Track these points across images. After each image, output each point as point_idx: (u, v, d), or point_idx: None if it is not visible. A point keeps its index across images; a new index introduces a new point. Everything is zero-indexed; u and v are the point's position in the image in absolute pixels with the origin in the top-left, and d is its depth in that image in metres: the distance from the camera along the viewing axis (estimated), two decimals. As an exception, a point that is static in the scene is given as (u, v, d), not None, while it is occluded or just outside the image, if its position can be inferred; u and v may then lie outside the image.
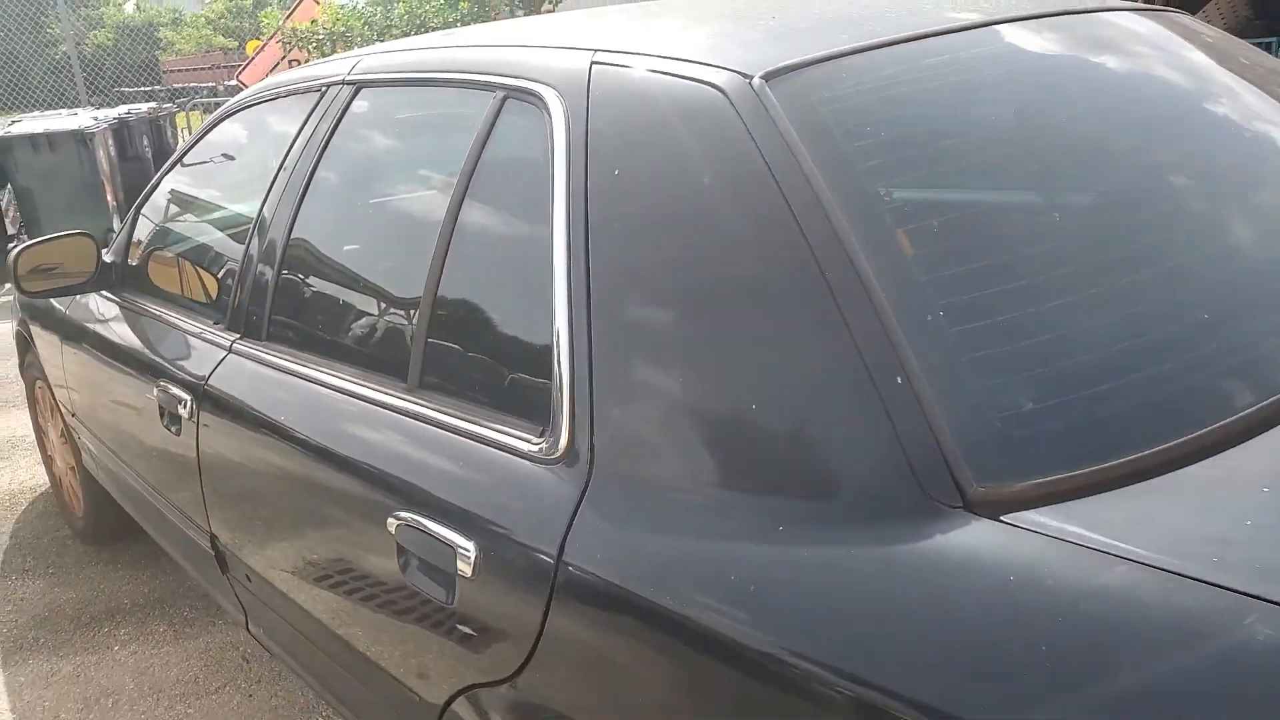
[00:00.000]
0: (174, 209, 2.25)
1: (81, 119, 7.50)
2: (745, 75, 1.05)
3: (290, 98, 1.81)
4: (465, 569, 1.09)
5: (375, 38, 8.83)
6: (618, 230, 1.06)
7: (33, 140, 7.08)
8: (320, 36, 8.76)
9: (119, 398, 2.15)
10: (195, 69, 22.21)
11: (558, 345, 1.07)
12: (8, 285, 7.21)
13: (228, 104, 2.11)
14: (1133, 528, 0.77)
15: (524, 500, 1.06)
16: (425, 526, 1.15)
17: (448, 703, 1.20)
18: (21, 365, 3.24)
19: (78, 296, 2.44)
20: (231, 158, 2.08)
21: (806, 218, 0.92)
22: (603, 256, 1.06)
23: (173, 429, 1.82)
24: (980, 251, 0.96)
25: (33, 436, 3.88)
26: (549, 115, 1.18)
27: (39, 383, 3.04)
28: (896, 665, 0.75)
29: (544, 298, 1.09)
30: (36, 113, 9.86)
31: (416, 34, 8.67)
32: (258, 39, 10.67)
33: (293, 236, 1.62)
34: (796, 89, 1.04)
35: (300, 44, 8.89)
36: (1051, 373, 0.88)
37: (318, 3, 9.95)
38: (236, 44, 22.92)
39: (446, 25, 8.61)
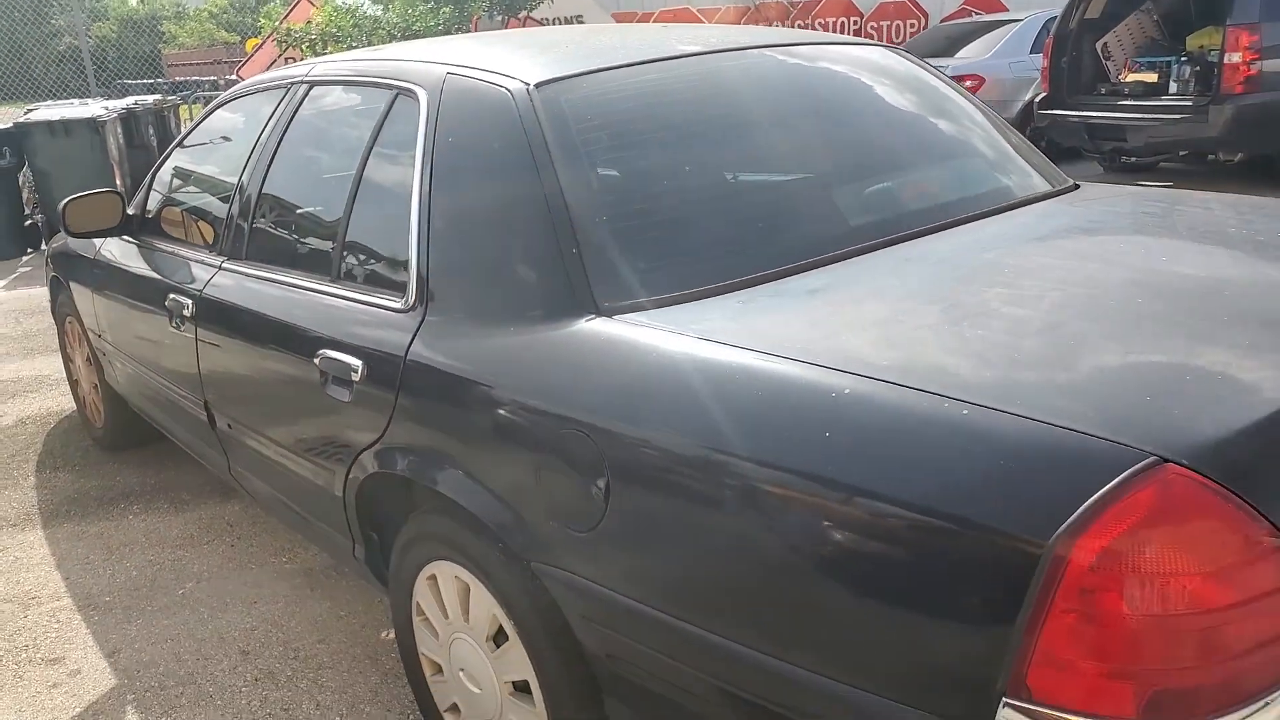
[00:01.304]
0: (179, 174, 3.00)
1: (93, 108, 8.22)
2: (525, 82, 1.79)
3: (265, 92, 2.56)
4: (356, 375, 1.83)
5: (364, 38, 9.57)
6: (446, 174, 1.80)
7: (50, 127, 7.80)
8: (313, 37, 9.49)
9: (138, 314, 2.88)
10: (198, 63, 22.85)
11: (413, 249, 1.81)
12: (27, 256, 7.89)
13: (221, 96, 2.85)
14: (686, 319, 1.49)
15: (389, 333, 1.81)
16: (335, 356, 1.89)
17: (348, 471, 1.94)
18: (54, 307, 3.98)
19: (100, 244, 3.18)
20: (223, 137, 2.82)
21: (542, 165, 1.67)
22: (438, 191, 1.80)
23: (179, 328, 2.56)
24: (633, 183, 1.72)
25: (55, 375, 4.63)
26: (419, 103, 1.93)
27: (69, 319, 3.78)
28: (567, 391, 1.48)
29: (406, 217, 1.84)
30: (50, 102, 10.59)
31: (403, 37, 9.41)
32: (257, 37, 11.40)
33: (263, 189, 2.37)
34: (552, 92, 1.78)
35: (295, 43, 9.63)
36: (658, 249, 1.63)
37: (313, 4, 10.69)
38: (238, 39, 23.61)
39: (429, 29, 9.35)
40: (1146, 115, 7.08)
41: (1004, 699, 1.03)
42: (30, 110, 8.39)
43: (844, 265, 1.63)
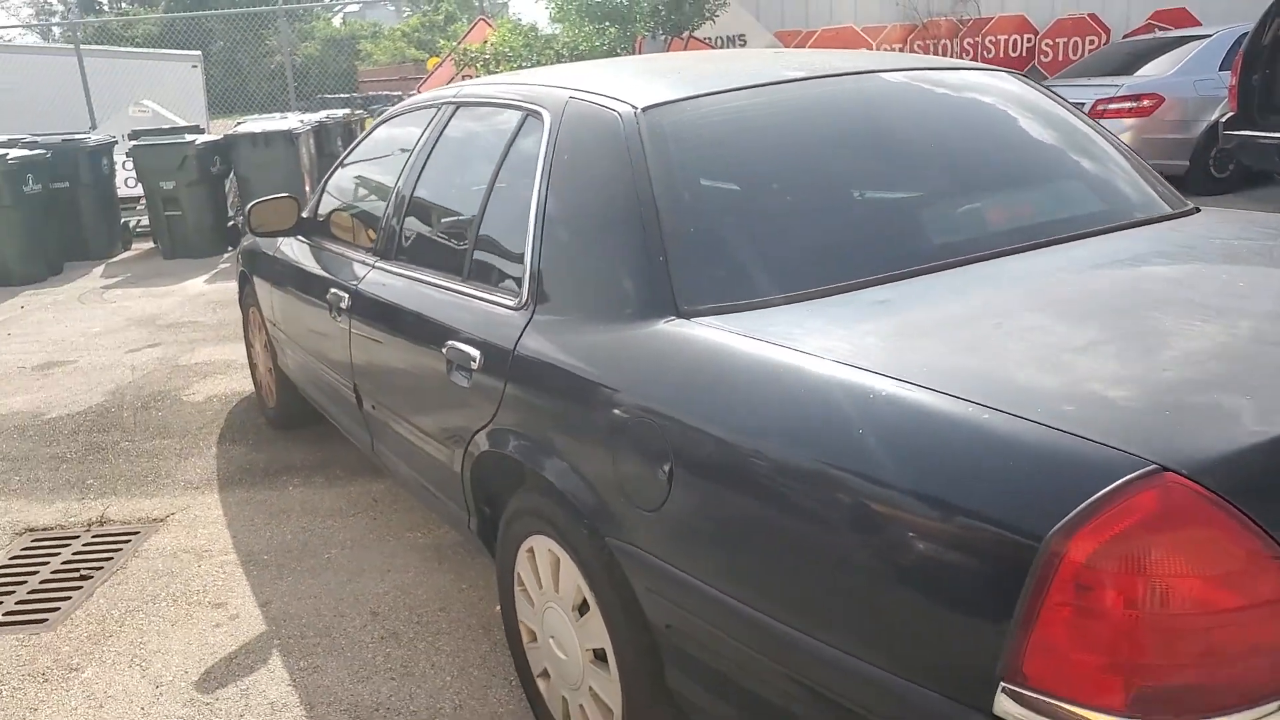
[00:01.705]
0: (346, 182, 3.35)
1: (290, 122, 9.05)
2: (634, 106, 1.96)
3: (420, 110, 2.85)
4: (475, 364, 2.05)
5: (534, 58, 10.06)
6: (560, 186, 2.00)
7: (253, 139, 8.65)
8: (487, 56, 10.07)
9: (305, 305, 3.24)
10: (387, 79, 24.42)
11: (528, 253, 2.01)
12: (228, 253, 8.72)
13: (386, 113, 3.18)
14: (754, 324, 1.62)
15: (503, 328, 2.02)
16: (459, 346, 2.12)
17: (465, 449, 2.16)
18: (241, 298, 4.47)
19: (280, 242, 3.58)
20: (384, 150, 3.14)
21: (639, 179, 1.83)
22: (552, 201, 2.00)
23: (337, 319, 2.88)
24: (718, 198, 1.85)
25: (240, 360, 5.17)
26: (544, 123, 2.13)
27: (252, 309, 4.24)
28: (642, 382, 1.64)
29: (525, 224, 2.04)
30: (255, 115, 11.69)
31: (572, 56, 9.86)
32: (437, 56, 12.18)
33: (412, 197, 2.65)
34: (657, 115, 1.95)
35: (470, 62, 10.24)
36: (736, 260, 1.76)
37: (490, 25, 11.31)
38: (426, 56, 25.19)
39: (594, 49, 9.74)
40: (1345, 138, 6.58)
41: (1002, 683, 1.11)
42: (239, 124, 9.32)
43: (918, 280, 1.71)
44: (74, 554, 3.26)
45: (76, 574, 3.11)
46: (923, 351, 1.43)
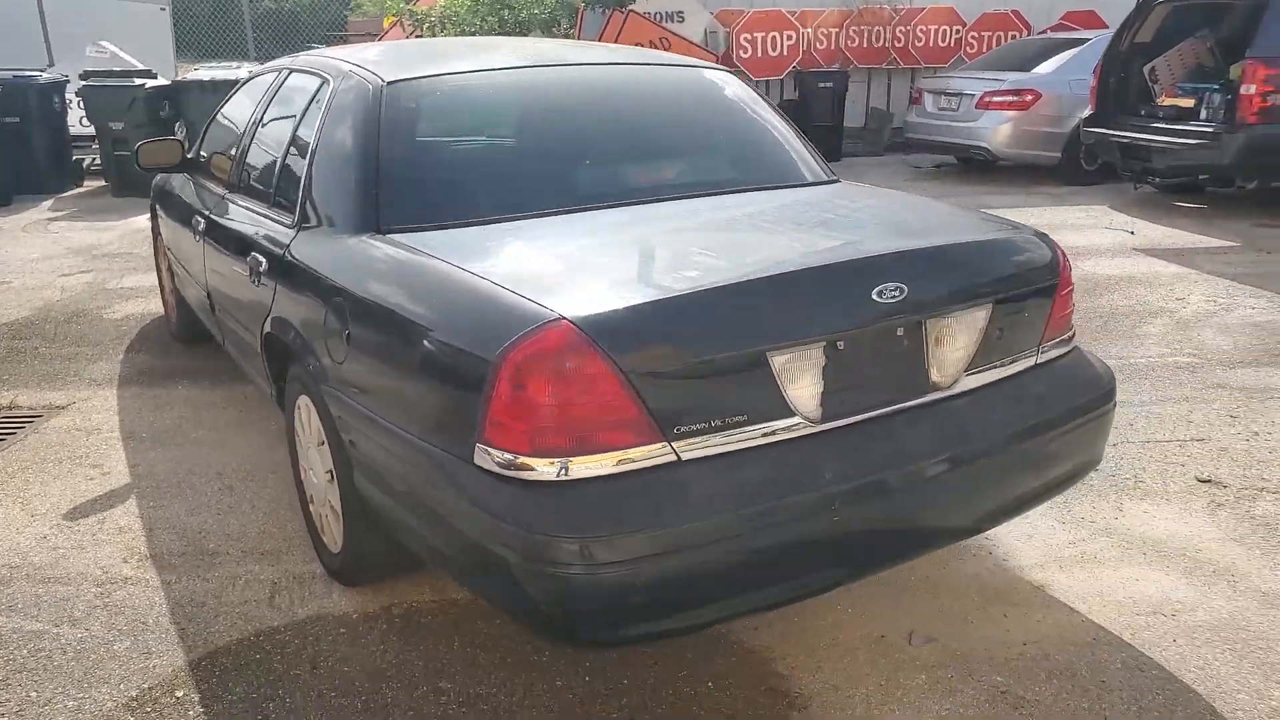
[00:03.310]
0: (215, 130, 4.04)
1: (241, 72, 9.65)
2: (383, 79, 2.67)
3: (267, 74, 3.54)
4: (262, 268, 2.76)
5: (479, 22, 10.66)
6: (327, 134, 2.70)
7: (201, 85, 9.26)
8: (433, 19, 10.66)
9: (184, 230, 3.93)
10: (372, 32, 24.65)
11: (301, 183, 2.72)
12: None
13: (253, 71, 3.86)
14: (422, 239, 2.34)
15: (280, 240, 2.72)
16: (257, 256, 2.82)
17: (260, 334, 2.87)
18: (153, 229, 5.14)
19: (174, 180, 4.26)
20: (242, 102, 3.82)
21: (370, 133, 2.54)
22: (321, 145, 2.70)
23: (197, 241, 3.58)
24: (424, 151, 2.58)
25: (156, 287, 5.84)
26: (329, 88, 2.84)
27: (158, 237, 4.92)
28: (342, 273, 2.36)
29: (305, 163, 2.75)
30: (213, 64, 12.22)
31: (515, 22, 10.48)
32: (393, 16, 12.72)
33: (251, 141, 3.35)
34: (398, 87, 2.66)
35: (418, 24, 10.83)
36: (424, 196, 2.48)
37: (439, -11, 11.88)
38: (409, 8, 25.42)
39: (531, 15, 10.37)
40: (1173, 139, 7.34)
41: (477, 444, 1.85)
42: (194, 69, 9.90)
43: (557, 217, 2.44)
44: (-15, 427, 3.97)
45: (-15, 441, 3.82)
46: (500, 257, 2.17)
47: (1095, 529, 2.96)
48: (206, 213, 3.50)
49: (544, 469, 1.80)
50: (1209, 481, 3.23)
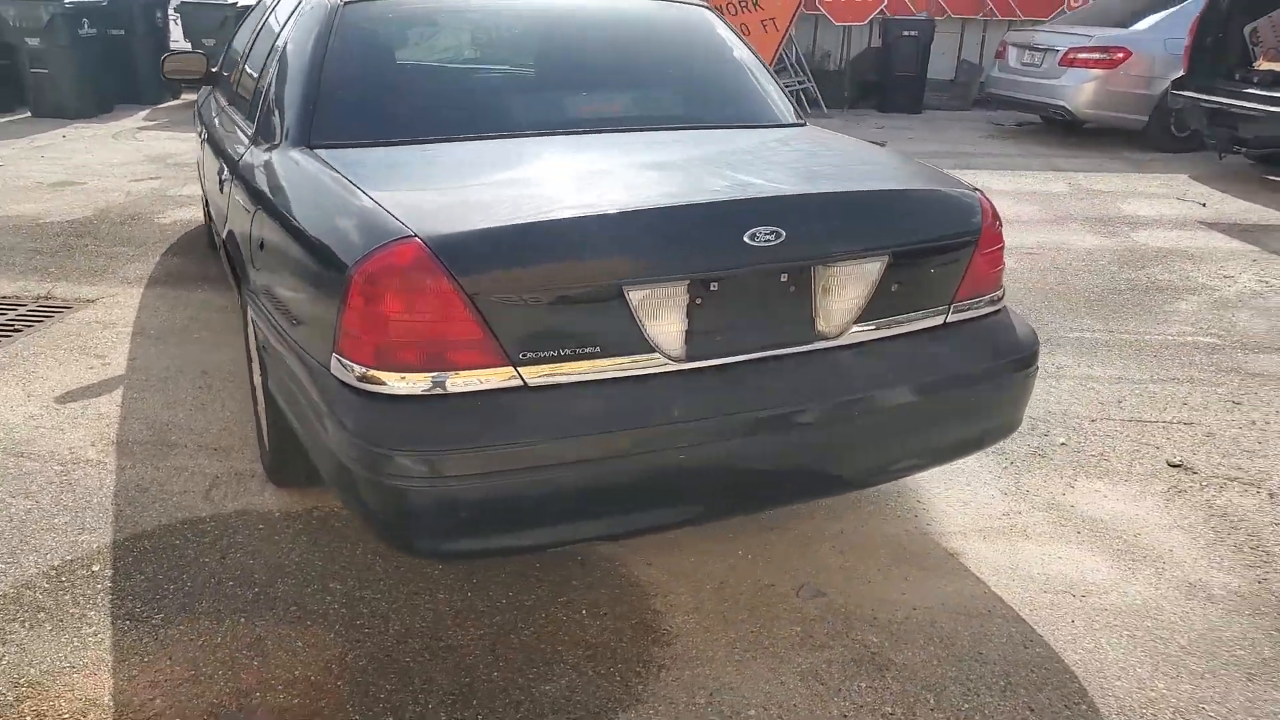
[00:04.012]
0: (232, 45, 4.16)
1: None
2: (344, 2, 2.70)
3: (269, -5, 3.64)
4: (225, 175, 2.86)
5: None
6: (289, 53, 2.76)
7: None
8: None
9: (201, 141, 4.09)
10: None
11: (262, 99, 2.79)
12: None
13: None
14: (341, 155, 2.38)
15: (239, 149, 2.82)
16: (224, 166, 2.93)
17: (222, 235, 2.99)
18: (199, 140, 5.36)
19: (207, 95, 4.43)
20: (250, 25, 3.92)
21: (319, 53, 2.58)
22: (281, 64, 2.76)
23: (204, 148, 3.72)
24: (363, 70, 2.60)
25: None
26: (301, 8, 2.89)
27: (199, 150, 5.13)
28: (269, 182, 2.43)
29: (271, 80, 2.82)
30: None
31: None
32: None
33: (248, 55, 3.44)
34: (353, 8, 2.69)
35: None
36: (358, 115, 2.51)
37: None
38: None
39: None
40: (1263, 106, 6.81)
41: (333, 353, 1.91)
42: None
43: (480, 140, 2.45)
44: (16, 315, 4.25)
45: (12, 328, 4.10)
46: (397, 173, 2.21)
47: (1037, 502, 2.86)
48: (210, 122, 3.63)
49: (393, 383, 1.85)
50: (1179, 466, 3.07)
